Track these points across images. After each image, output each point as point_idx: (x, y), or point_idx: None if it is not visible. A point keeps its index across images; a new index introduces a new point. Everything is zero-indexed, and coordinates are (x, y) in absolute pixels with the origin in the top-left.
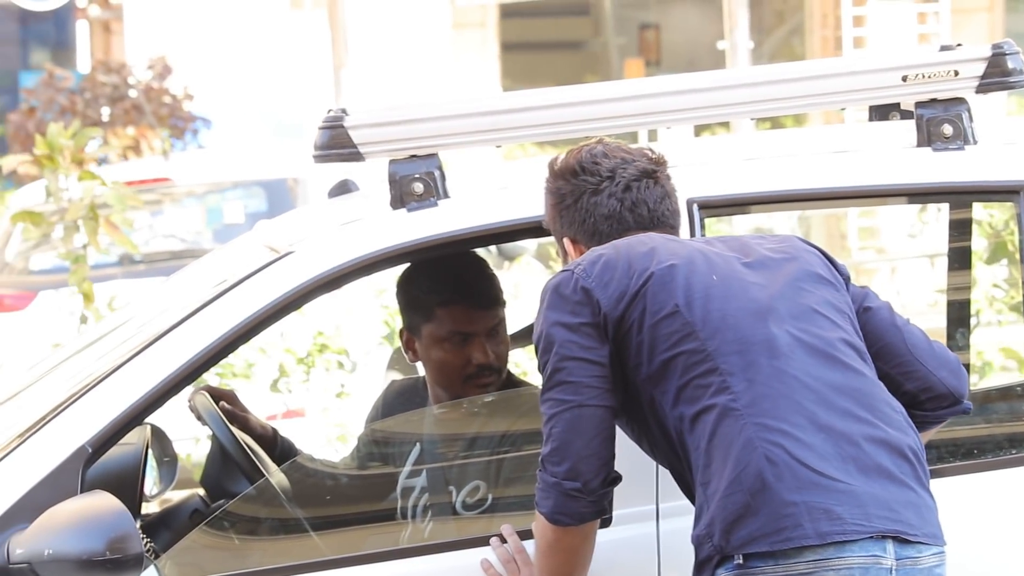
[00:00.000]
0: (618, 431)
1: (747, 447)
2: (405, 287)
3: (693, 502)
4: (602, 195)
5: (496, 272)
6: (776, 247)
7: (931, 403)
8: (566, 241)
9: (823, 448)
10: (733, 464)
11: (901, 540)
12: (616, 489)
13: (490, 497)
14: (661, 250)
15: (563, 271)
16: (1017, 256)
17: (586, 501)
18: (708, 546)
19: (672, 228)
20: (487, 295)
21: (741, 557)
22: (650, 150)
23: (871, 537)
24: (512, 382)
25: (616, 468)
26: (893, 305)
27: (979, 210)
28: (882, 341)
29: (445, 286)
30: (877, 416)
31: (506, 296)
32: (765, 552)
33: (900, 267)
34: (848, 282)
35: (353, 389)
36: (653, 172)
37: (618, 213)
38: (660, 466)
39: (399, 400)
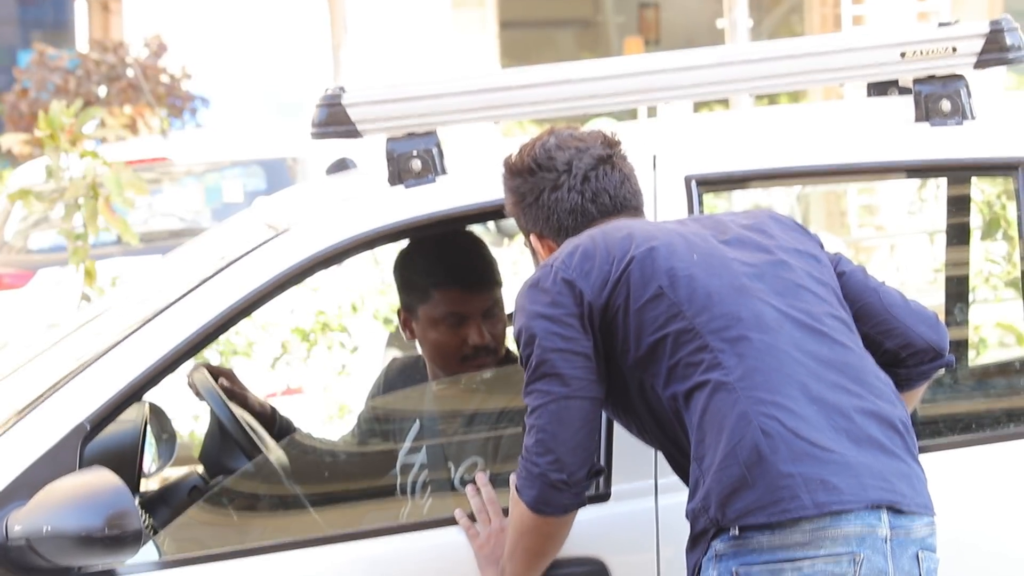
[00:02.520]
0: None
1: (741, 420)
2: (402, 267)
3: (686, 482)
4: (561, 190)
5: (493, 250)
6: (751, 223)
7: (912, 359)
8: (533, 237)
9: (816, 420)
10: (728, 437)
11: (895, 510)
12: (615, 464)
13: (488, 473)
14: (638, 234)
15: (541, 267)
16: (1011, 231)
17: (570, 493)
18: (704, 519)
19: (636, 210)
20: (483, 277)
21: (737, 528)
22: (602, 133)
23: (867, 507)
24: (510, 359)
25: (615, 442)
26: (894, 284)
27: (974, 186)
28: (859, 303)
29: (441, 267)
30: (866, 389)
31: (504, 274)
32: (762, 523)
33: (899, 244)
34: (822, 248)
35: (352, 367)
36: (608, 157)
37: (580, 206)
38: None
39: (400, 378)
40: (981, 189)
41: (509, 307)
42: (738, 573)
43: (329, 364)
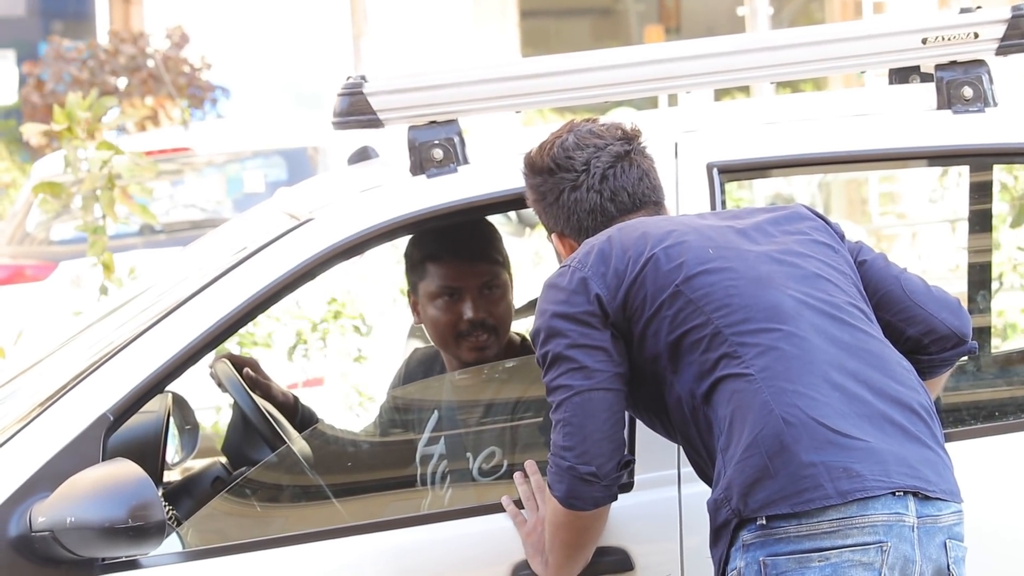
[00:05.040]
0: None
1: (763, 410)
2: (406, 248)
3: (703, 479)
4: (580, 190)
5: (514, 239)
6: (768, 216)
7: (935, 345)
8: (554, 236)
9: (839, 407)
10: (750, 428)
11: (921, 497)
12: (638, 454)
13: (505, 463)
14: (653, 233)
15: (559, 269)
16: None
17: (600, 486)
18: (726, 510)
19: (656, 205)
20: (477, 250)
21: (764, 518)
22: (622, 126)
23: (892, 494)
24: (526, 348)
25: (637, 431)
26: (917, 272)
27: (1000, 173)
28: (881, 290)
29: (435, 242)
30: (889, 375)
31: (518, 259)
32: (787, 513)
33: (921, 232)
34: (843, 239)
35: (370, 354)
36: (627, 153)
37: (600, 206)
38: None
39: (420, 368)
40: (1013, 175)
41: (522, 296)
42: (765, 563)
43: (347, 352)
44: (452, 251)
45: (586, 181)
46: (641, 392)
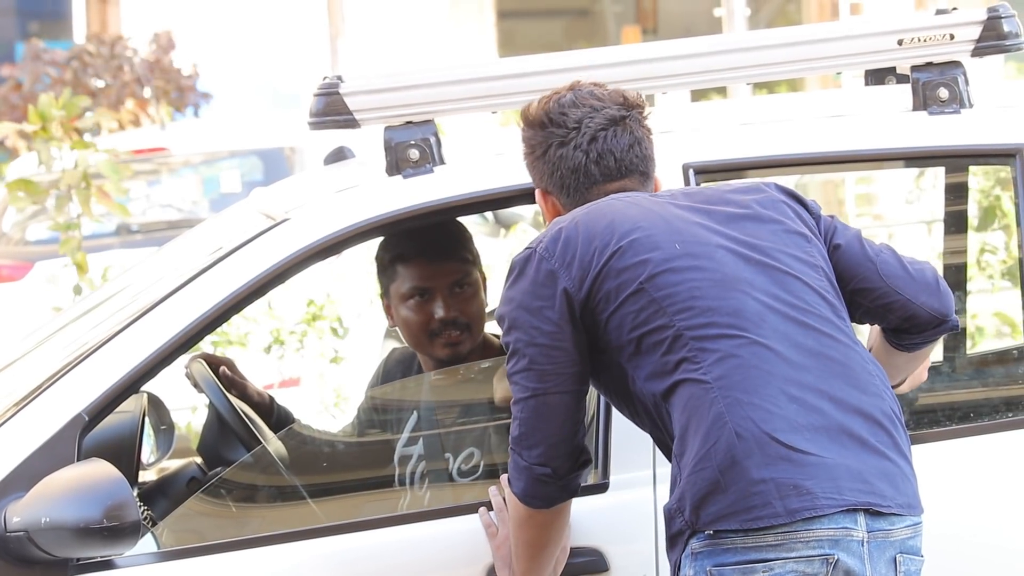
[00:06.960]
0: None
1: (717, 422)
2: (376, 252)
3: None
4: (568, 147)
5: (490, 240)
6: (744, 199)
7: (916, 328)
8: (538, 193)
9: (795, 419)
10: (703, 439)
11: (873, 512)
12: (613, 454)
13: (482, 464)
14: (620, 224)
15: (526, 249)
16: (1006, 220)
17: (556, 486)
18: (679, 520)
19: (643, 175)
20: (445, 249)
21: (712, 529)
22: (625, 94)
23: (842, 510)
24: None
25: (612, 432)
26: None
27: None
28: (856, 278)
29: (403, 243)
30: (852, 383)
31: (488, 256)
32: (735, 529)
33: (897, 233)
34: (819, 220)
35: (347, 355)
36: (622, 119)
37: (584, 166)
38: None
39: (399, 368)
40: (978, 178)
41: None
42: (711, 573)
43: (324, 354)
44: (420, 252)
45: (575, 139)
46: (609, 376)
